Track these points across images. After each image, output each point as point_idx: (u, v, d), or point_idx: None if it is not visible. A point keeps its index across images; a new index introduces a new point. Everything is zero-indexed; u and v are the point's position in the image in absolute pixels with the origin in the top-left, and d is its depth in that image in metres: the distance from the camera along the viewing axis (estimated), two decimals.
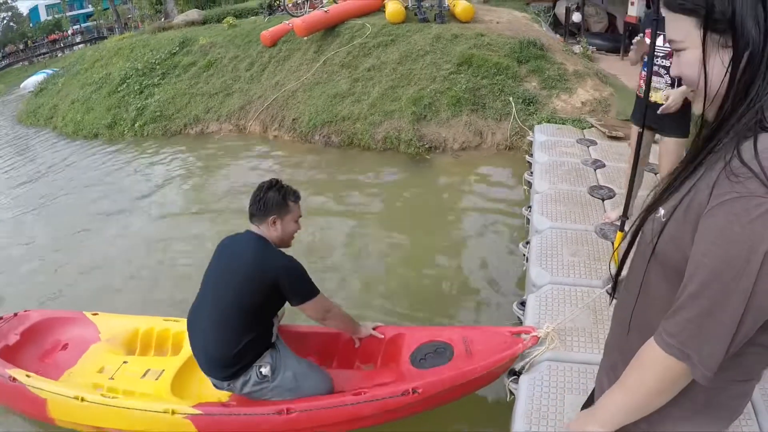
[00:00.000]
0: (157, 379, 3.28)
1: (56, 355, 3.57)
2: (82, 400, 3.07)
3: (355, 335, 3.14)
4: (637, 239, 1.22)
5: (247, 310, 2.65)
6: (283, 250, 2.80)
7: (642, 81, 3.56)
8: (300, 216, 2.87)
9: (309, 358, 3.19)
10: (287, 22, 10.98)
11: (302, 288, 2.70)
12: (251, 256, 2.67)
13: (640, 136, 3.21)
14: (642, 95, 3.36)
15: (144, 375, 3.28)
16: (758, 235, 0.87)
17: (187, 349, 3.30)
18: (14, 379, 3.29)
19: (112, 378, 3.30)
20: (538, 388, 2.63)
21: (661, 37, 3.15)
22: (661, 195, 1.11)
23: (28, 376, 3.28)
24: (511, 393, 2.80)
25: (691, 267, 0.98)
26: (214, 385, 2.89)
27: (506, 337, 2.94)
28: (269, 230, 2.76)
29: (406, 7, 9.75)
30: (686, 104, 3.33)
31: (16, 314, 4.29)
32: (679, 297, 1.00)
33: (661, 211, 1.10)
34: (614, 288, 1.37)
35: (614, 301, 1.40)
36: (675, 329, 1.01)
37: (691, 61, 1.01)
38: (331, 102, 8.30)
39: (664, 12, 1.05)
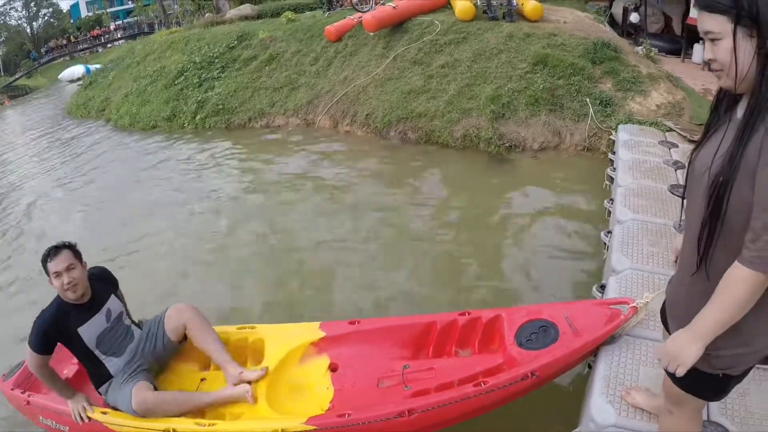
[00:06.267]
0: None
1: None
2: (174, 431, 3.04)
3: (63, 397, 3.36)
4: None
5: None
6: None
7: None
8: (57, 271, 3.13)
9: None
10: (351, 17, 11.44)
11: (29, 335, 3.16)
12: None
13: None
14: None
15: None
16: None
17: (270, 357, 3.37)
18: (89, 418, 3.31)
19: None
20: (615, 358, 2.88)
21: None
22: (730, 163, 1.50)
23: (104, 413, 3.28)
24: (589, 366, 3.08)
25: (759, 207, 1.41)
26: None
27: (605, 310, 3.03)
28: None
29: (475, 5, 10.11)
30: None
31: None
32: (753, 230, 1.43)
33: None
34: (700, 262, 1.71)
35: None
36: (758, 251, 1.43)
37: (726, 48, 1.43)
38: (405, 98, 8.79)
39: (700, 11, 1.51)
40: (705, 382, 1.76)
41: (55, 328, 3.15)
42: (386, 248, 5.67)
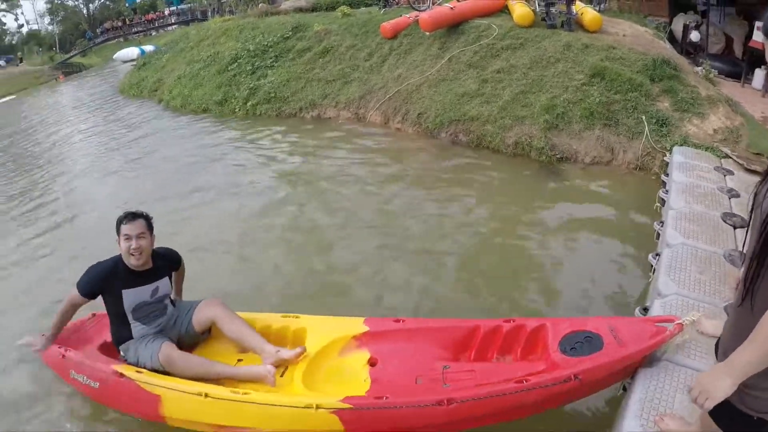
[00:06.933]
0: (282, 375, 3.27)
1: None
2: (206, 396, 3.04)
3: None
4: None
5: None
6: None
7: None
8: (128, 234, 3.43)
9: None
10: (407, 15, 11.49)
11: (81, 276, 3.54)
12: None
13: None
14: None
15: None
16: None
17: (310, 346, 3.40)
18: (122, 375, 3.36)
19: None
20: (653, 383, 2.82)
21: None
22: None
23: (138, 371, 3.37)
24: (624, 389, 3.03)
25: None
26: None
27: (650, 326, 2.99)
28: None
29: (534, 11, 10.08)
30: None
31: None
32: None
33: None
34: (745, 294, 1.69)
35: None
36: None
37: None
38: (458, 100, 8.83)
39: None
40: (738, 420, 1.72)
41: (104, 281, 3.47)
42: (429, 249, 5.71)
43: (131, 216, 3.48)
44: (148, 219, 3.55)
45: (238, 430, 3.11)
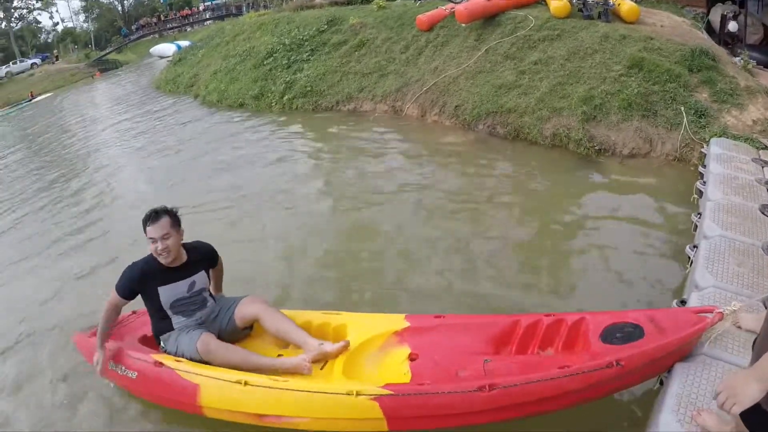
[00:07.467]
0: (322, 369, 3.29)
1: None
2: (246, 384, 3.06)
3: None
4: None
5: None
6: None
7: None
8: (153, 237, 3.42)
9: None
10: (443, 8, 11.60)
11: (118, 278, 3.59)
12: None
13: None
14: None
15: None
16: None
17: (351, 340, 3.43)
18: (161, 364, 3.39)
19: None
20: (690, 377, 2.81)
21: None
22: None
23: (177, 360, 3.40)
24: (661, 383, 3.03)
25: None
26: None
27: (691, 315, 3.01)
28: None
29: (570, 2, 10.12)
30: None
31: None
32: None
33: None
34: None
35: None
36: None
37: None
38: (496, 92, 8.92)
39: None
40: (767, 424, 1.73)
41: (139, 281, 3.52)
42: (465, 243, 5.76)
43: (154, 216, 3.43)
44: (172, 215, 3.51)
45: (276, 419, 3.12)
